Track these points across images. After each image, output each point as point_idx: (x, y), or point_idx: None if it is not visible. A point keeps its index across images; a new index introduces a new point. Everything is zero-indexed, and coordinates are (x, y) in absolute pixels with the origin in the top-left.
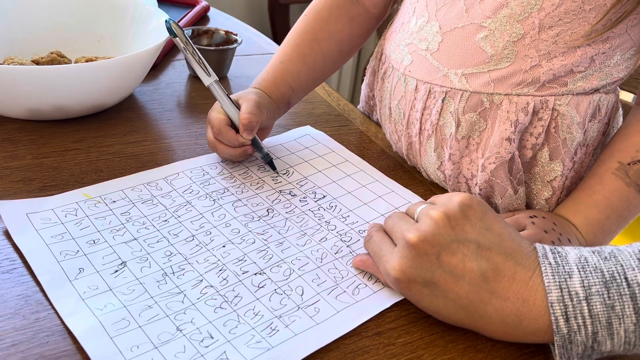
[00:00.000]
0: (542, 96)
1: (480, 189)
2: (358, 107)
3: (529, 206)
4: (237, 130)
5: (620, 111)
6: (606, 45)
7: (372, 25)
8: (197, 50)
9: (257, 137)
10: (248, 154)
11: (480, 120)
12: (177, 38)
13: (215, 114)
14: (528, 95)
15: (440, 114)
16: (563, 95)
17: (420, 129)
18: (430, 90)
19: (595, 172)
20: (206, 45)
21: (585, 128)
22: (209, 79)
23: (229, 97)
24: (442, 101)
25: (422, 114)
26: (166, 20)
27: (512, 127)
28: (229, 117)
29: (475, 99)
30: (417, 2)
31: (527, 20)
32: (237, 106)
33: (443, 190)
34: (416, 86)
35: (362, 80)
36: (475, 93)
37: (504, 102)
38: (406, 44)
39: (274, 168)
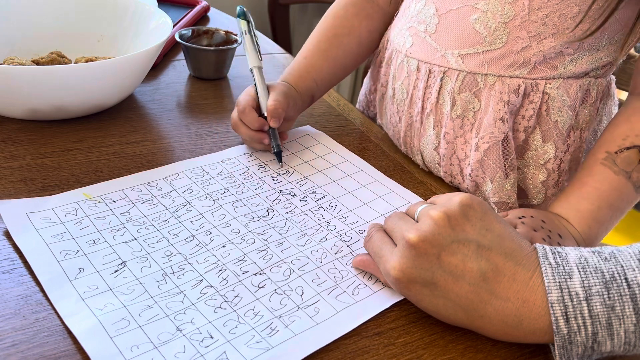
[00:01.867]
0: (533, 79)
1: (472, 170)
2: (357, 104)
3: (524, 193)
4: (261, 115)
5: (616, 101)
6: (601, 19)
7: (389, 20)
8: (256, 35)
9: (276, 129)
10: (264, 143)
11: (474, 100)
12: (244, 20)
13: (245, 95)
14: (520, 78)
15: (439, 93)
16: (553, 79)
17: (422, 107)
18: (430, 70)
19: (585, 164)
20: (206, 45)
21: (576, 111)
22: (258, 62)
23: (265, 85)
24: (441, 80)
25: (424, 93)
26: (239, 6)
27: (505, 107)
28: (257, 102)
29: (471, 79)
30: None
31: (517, 2)
32: (269, 94)
33: (447, 188)
34: (417, 66)
35: (362, 81)
36: (470, 73)
37: (497, 83)
38: (407, 27)
39: (280, 160)
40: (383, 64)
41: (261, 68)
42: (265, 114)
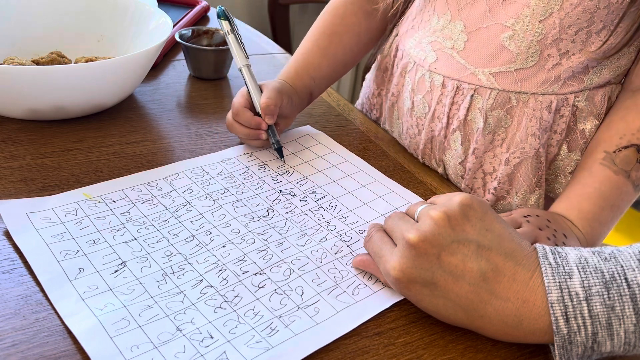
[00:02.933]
0: (563, 94)
1: (498, 184)
2: (356, 104)
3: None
4: (255, 114)
5: None
6: (625, 36)
7: (390, 19)
8: (239, 33)
9: (273, 125)
10: (262, 138)
11: (506, 117)
12: (226, 21)
13: (237, 97)
14: (552, 94)
15: (468, 110)
16: (581, 91)
17: (448, 123)
18: (458, 87)
19: (584, 165)
20: (206, 45)
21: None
22: (245, 61)
23: (256, 83)
24: (471, 97)
25: (450, 109)
26: (219, 7)
27: (537, 123)
28: (251, 101)
29: (504, 96)
30: (436, 1)
31: (548, 20)
32: (262, 92)
33: (447, 188)
34: (443, 82)
35: (362, 81)
36: (503, 91)
37: (530, 100)
38: (429, 42)
39: (281, 156)
40: (395, 74)
41: (249, 66)
42: (260, 112)
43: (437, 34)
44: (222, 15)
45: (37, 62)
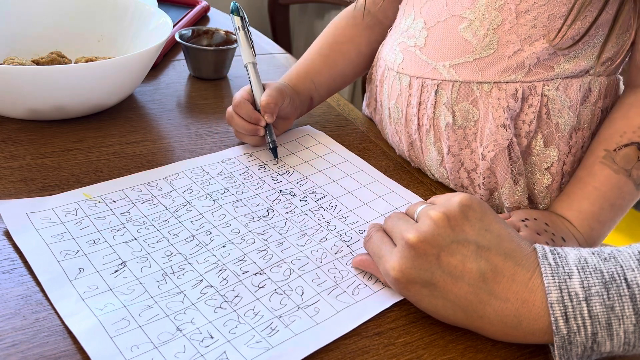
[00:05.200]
0: (530, 82)
1: (484, 178)
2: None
3: (530, 199)
4: (256, 110)
5: None
6: (586, 25)
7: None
8: (250, 31)
9: (271, 124)
10: (259, 134)
11: (473, 110)
12: (238, 17)
13: (241, 91)
14: (516, 82)
15: (435, 107)
16: (551, 80)
17: (419, 124)
18: (422, 85)
19: (585, 163)
20: (206, 46)
21: (577, 112)
22: (252, 58)
23: (260, 81)
24: (435, 93)
25: (419, 109)
26: (233, 2)
27: (505, 112)
28: (253, 97)
29: (466, 88)
30: (407, 4)
31: (504, 7)
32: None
33: (446, 190)
34: (409, 82)
35: (362, 81)
36: (465, 82)
37: (493, 90)
38: (397, 43)
39: (275, 156)
40: (377, 83)
41: (255, 64)
42: (260, 109)
43: (403, 35)
44: (235, 11)
45: (37, 62)
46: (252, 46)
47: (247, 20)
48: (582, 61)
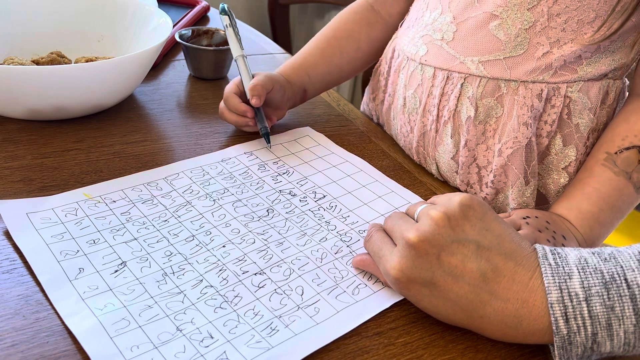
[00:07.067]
0: (555, 83)
1: (494, 177)
2: (361, 109)
3: (545, 199)
4: (247, 103)
5: None
6: (616, 26)
7: (391, 32)
8: (237, 28)
9: (262, 110)
10: (250, 125)
11: (497, 106)
12: (226, 16)
13: (230, 84)
14: (542, 83)
15: (458, 100)
16: (574, 82)
17: (438, 115)
18: (448, 77)
19: (586, 165)
20: (206, 45)
21: (597, 113)
22: (240, 52)
23: (249, 73)
24: (461, 86)
25: (440, 100)
26: (221, 4)
27: (529, 111)
28: (243, 89)
29: (493, 84)
30: None
31: (537, 8)
32: None
33: (447, 189)
34: (434, 73)
35: (363, 81)
36: (492, 79)
37: (520, 88)
38: (420, 36)
39: (268, 142)
40: (391, 73)
41: (245, 57)
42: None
43: (428, 28)
44: (223, 11)
45: (37, 62)
46: (239, 40)
47: (234, 18)
48: (603, 65)
